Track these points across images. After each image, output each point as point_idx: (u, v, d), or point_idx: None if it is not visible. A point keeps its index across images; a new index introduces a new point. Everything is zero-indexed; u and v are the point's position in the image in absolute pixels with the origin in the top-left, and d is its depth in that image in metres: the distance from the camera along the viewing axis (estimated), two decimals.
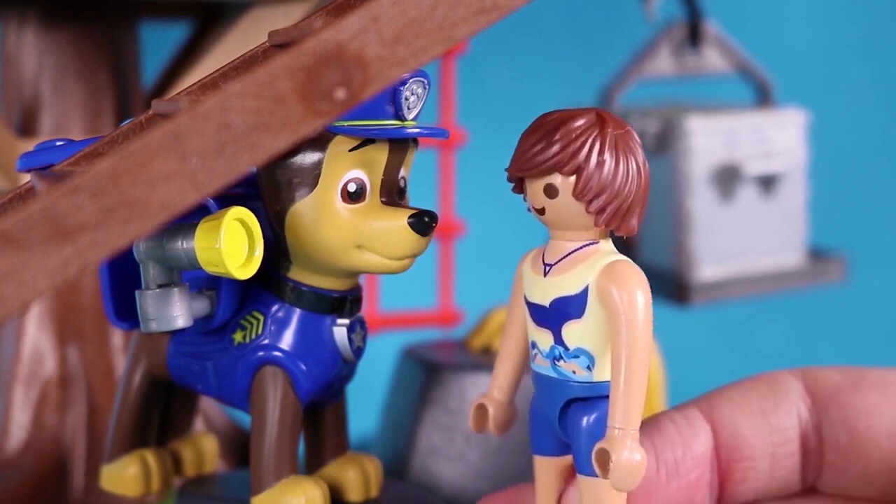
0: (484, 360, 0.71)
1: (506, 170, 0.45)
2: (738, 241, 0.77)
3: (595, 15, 1.03)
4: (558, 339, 0.44)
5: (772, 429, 0.47)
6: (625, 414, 0.42)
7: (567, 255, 0.44)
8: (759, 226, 0.78)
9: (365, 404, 0.67)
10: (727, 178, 0.76)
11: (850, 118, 1.08)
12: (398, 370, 0.74)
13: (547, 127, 0.43)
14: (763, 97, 0.81)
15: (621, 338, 0.42)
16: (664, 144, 0.76)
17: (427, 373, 0.70)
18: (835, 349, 1.10)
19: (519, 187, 0.45)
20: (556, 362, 0.44)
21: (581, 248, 0.44)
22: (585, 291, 0.43)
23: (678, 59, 0.79)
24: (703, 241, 0.76)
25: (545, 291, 0.44)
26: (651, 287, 0.44)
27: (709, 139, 0.76)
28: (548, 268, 0.44)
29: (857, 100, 1.09)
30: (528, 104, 0.96)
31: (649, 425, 0.46)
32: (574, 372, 0.44)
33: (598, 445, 0.42)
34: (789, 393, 0.47)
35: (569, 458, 0.46)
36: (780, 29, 1.06)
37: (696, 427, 0.46)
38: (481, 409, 0.48)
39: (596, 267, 0.43)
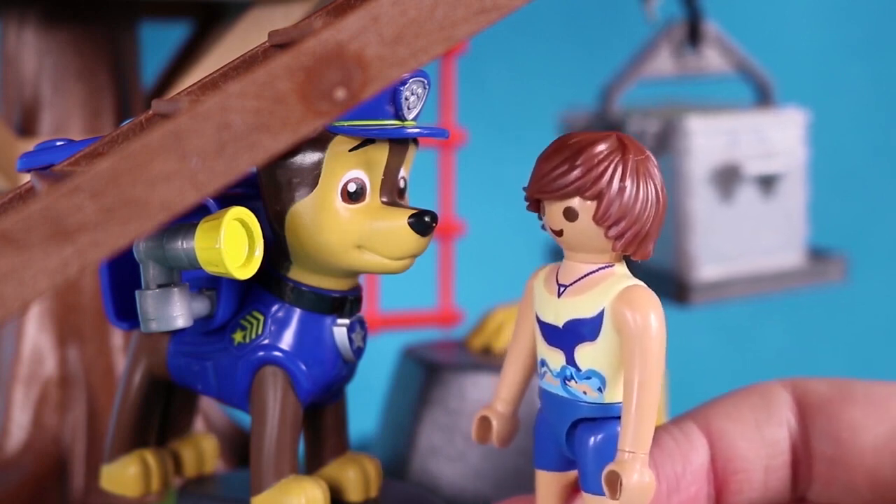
0: (484, 360, 0.71)
1: (524, 189, 0.45)
2: (738, 241, 0.77)
3: (595, 15, 1.03)
4: (570, 360, 0.44)
5: (765, 441, 0.47)
6: (635, 437, 0.42)
7: (582, 278, 0.44)
8: (759, 226, 0.78)
9: (365, 404, 0.67)
10: (727, 179, 0.76)
11: (850, 118, 1.08)
12: (398, 370, 0.74)
13: (569, 150, 0.43)
14: (763, 97, 0.81)
15: (635, 362, 0.42)
16: (664, 144, 0.76)
17: (427, 373, 0.70)
18: (835, 349, 1.10)
19: (535, 206, 0.45)
20: (567, 382, 0.44)
21: (596, 270, 0.44)
22: (601, 315, 0.43)
23: (678, 59, 0.79)
24: (703, 242, 0.76)
25: (559, 312, 0.44)
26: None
27: (709, 139, 0.76)
28: (562, 288, 0.44)
29: (857, 100, 1.09)
30: (528, 104, 0.97)
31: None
32: (585, 393, 0.44)
33: (608, 468, 0.42)
34: (780, 405, 0.48)
35: (571, 474, 0.46)
36: (780, 29, 1.06)
37: (694, 441, 0.47)
38: (484, 422, 0.48)
39: (612, 291, 0.43)
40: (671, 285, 0.76)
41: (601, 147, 0.43)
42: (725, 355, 1.08)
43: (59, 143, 0.45)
